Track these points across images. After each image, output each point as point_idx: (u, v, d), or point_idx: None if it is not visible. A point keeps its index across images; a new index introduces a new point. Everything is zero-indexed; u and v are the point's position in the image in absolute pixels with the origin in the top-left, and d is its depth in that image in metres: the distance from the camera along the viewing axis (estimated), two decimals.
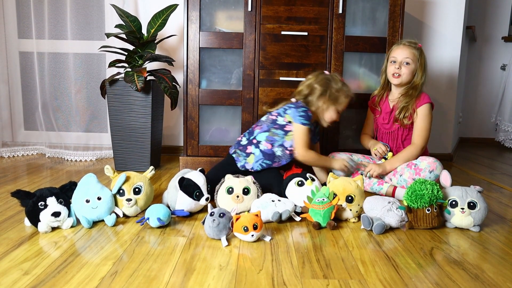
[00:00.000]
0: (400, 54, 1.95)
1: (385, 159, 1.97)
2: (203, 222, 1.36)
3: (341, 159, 1.96)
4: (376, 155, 2.03)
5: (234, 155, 1.90)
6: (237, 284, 1.04)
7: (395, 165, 1.92)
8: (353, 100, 1.95)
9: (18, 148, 2.71)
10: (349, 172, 1.95)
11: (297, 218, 1.52)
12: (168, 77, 2.29)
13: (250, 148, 1.88)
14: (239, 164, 1.87)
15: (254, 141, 1.88)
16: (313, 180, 1.66)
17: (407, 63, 1.94)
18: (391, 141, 2.04)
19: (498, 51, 3.80)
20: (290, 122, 1.86)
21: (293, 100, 1.95)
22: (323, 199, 1.47)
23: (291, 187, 1.65)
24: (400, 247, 1.31)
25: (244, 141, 1.92)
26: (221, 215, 1.32)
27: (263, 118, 1.96)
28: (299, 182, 1.64)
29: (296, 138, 1.84)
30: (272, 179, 1.80)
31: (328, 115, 1.92)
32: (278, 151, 1.86)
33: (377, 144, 2.04)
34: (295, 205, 1.56)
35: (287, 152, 1.87)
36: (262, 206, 1.49)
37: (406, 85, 1.98)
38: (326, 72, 1.98)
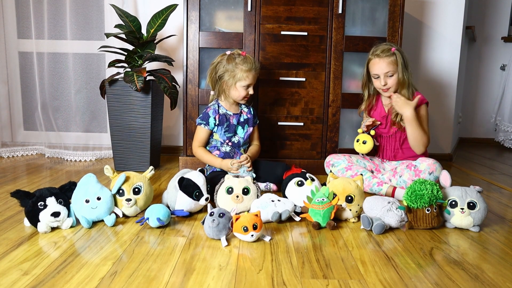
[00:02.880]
0: (379, 69, 1.91)
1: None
2: (203, 222, 1.36)
3: (227, 161, 1.89)
4: (367, 126, 1.96)
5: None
6: (236, 284, 1.04)
7: (413, 124, 1.86)
8: (256, 70, 1.92)
9: (17, 148, 2.71)
10: (236, 171, 1.88)
11: (297, 218, 1.52)
12: (168, 77, 2.29)
13: None
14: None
15: None
16: (312, 180, 1.66)
17: (390, 75, 1.91)
18: (389, 144, 2.03)
19: (498, 51, 3.80)
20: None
21: (211, 93, 2.08)
22: (322, 199, 1.47)
23: (291, 187, 1.65)
24: (399, 247, 1.31)
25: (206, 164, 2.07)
26: (221, 215, 1.32)
27: None
28: (299, 182, 1.64)
29: (194, 137, 2.01)
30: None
31: (236, 93, 1.94)
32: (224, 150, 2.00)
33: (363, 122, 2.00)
34: (294, 205, 1.56)
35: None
36: (262, 206, 1.49)
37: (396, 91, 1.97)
38: (227, 52, 1.96)
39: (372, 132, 1.92)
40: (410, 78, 1.94)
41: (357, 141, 1.94)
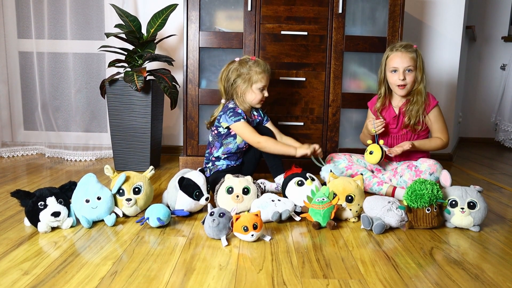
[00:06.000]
0: (400, 63, 1.89)
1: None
2: (203, 222, 1.36)
3: (306, 145, 1.87)
4: (374, 130, 1.94)
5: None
6: (237, 284, 1.04)
7: (422, 147, 1.90)
8: (269, 72, 1.94)
9: (17, 148, 2.71)
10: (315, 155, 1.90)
11: (297, 218, 1.52)
12: (168, 77, 2.29)
13: (217, 163, 1.98)
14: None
15: (213, 158, 1.98)
16: (313, 179, 1.66)
17: (410, 70, 1.89)
18: (398, 144, 2.00)
19: (498, 51, 3.80)
20: (228, 127, 1.91)
21: (222, 101, 2.00)
22: (323, 199, 1.46)
23: (291, 187, 1.65)
24: (400, 247, 1.31)
25: (209, 164, 2.00)
26: (221, 215, 1.32)
27: (210, 139, 2.00)
28: (299, 182, 1.64)
29: (242, 135, 1.90)
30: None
31: (251, 97, 1.92)
32: (236, 151, 1.96)
33: (370, 124, 1.97)
34: (295, 205, 1.56)
35: (244, 149, 1.98)
36: (262, 206, 1.49)
37: (410, 92, 1.95)
38: (236, 58, 1.96)
39: (381, 142, 1.89)
40: (425, 79, 1.93)
41: (365, 151, 1.92)
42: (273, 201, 1.52)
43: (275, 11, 2.21)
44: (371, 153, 1.87)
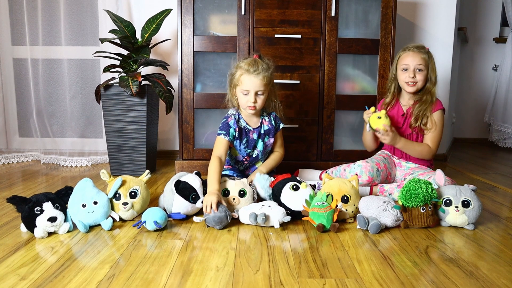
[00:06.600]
0: (412, 61, 1.90)
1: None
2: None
3: (213, 195, 1.50)
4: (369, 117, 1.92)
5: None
6: (234, 285, 1.04)
7: (407, 149, 1.91)
8: (259, 74, 1.72)
9: (13, 155, 2.70)
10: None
11: (276, 225, 1.46)
12: (163, 81, 2.29)
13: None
14: None
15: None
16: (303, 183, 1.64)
17: (420, 70, 1.90)
18: None
19: (490, 52, 3.84)
20: None
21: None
22: (322, 203, 1.47)
23: (287, 192, 1.60)
24: (395, 246, 1.32)
25: None
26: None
27: None
28: (294, 186, 1.60)
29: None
30: None
31: (240, 101, 1.79)
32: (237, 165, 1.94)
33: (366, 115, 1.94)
34: (286, 212, 1.51)
35: (246, 162, 1.91)
36: (247, 208, 1.51)
37: (419, 91, 1.96)
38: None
39: (373, 109, 1.89)
40: (436, 81, 1.93)
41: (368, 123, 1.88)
42: (263, 205, 1.51)
43: (268, 15, 2.22)
44: (379, 117, 1.84)
